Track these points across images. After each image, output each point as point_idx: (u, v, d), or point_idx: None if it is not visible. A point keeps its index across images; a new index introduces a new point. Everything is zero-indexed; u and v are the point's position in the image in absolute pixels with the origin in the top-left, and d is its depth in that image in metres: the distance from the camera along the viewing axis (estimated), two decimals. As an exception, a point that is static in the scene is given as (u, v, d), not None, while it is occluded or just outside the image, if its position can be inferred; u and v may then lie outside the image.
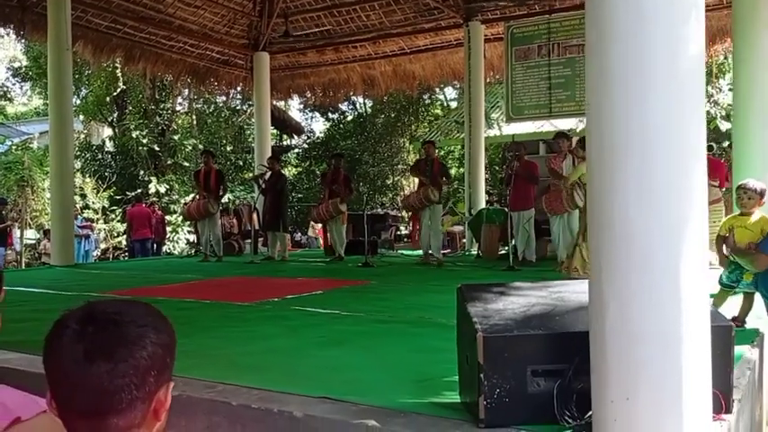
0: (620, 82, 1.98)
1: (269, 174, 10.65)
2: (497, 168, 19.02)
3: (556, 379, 2.30)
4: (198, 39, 13.08)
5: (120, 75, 18.60)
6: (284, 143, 27.31)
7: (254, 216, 11.91)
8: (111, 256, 17.28)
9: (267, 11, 13.16)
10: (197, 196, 11.20)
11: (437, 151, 10.32)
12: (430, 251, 9.66)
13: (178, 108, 22.47)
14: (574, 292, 2.60)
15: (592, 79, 2.10)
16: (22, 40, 13.54)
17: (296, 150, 27.83)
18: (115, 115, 21.33)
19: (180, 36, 12.82)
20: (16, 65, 25.21)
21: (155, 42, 12.69)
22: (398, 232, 17.49)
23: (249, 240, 12.75)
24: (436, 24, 12.67)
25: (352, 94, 16.69)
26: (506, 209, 10.55)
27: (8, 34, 12.59)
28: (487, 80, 12.65)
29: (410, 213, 13.16)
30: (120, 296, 6.21)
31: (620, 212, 1.97)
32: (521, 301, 2.53)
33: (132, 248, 14.99)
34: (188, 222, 17.03)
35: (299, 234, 20.08)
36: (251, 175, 22.79)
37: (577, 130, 14.05)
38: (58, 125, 10.01)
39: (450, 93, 27.17)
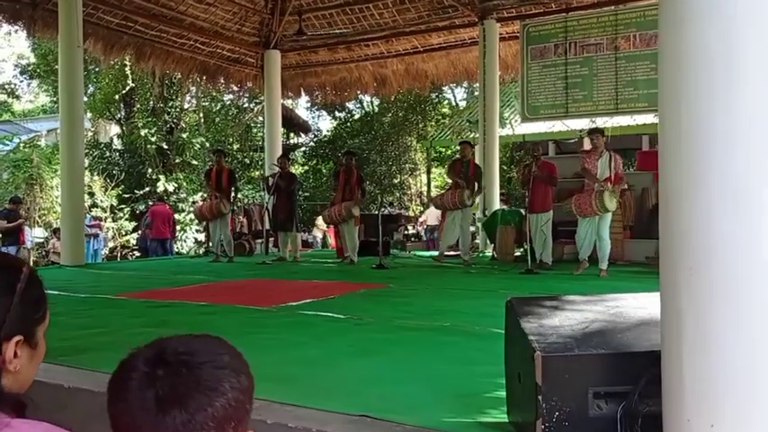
0: (702, 75, 1.82)
1: (279, 173, 10.52)
2: (505, 168, 18.88)
3: (620, 401, 2.16)
4: (209, 36, 12.96)
5: (129, 72, 18.50)
6: (291, 141, 27.21)
7: (265, 215, 11.80)
8: (119, 255, 17.20)
9: (279, 9, 13.02)
10: (207, 195, 11.09)
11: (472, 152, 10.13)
12: (447, 253, 9.56)
13: (186, 106, 22.36)
14: (633, 306, 2.45)
15: (667, 72, 1.94)
16: (32, 38, 13.39)
17: (303, 149, 27.73)
18: (123, 113, 21.23)
19: (191, 34, 12.70)
20: (24, 62, 25.12)
21: (165, 40, 12.57)
22: (407, 232, 17.35)
23: (260, 240, 12.62)
24: (450, 23, 12.52)
25: (363, 92, 16.56)
26: (522, 210, 10.45)
27: (16, 31, 12.53)
28: (501, 79, 12.49)
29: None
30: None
31: (700, 220, 1.81)
32: (577, 316, 2.39)
33: (148, 247, 14.94)
34: (196, 222, 16.99)
35: (306, 233, 19.96)
36: (259, 173, 22.81)
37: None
38: (68, 123, 9.90)
39: (459, 92, 27.07)
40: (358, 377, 3.28)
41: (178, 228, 17.29)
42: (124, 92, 20.05)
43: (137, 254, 17.74)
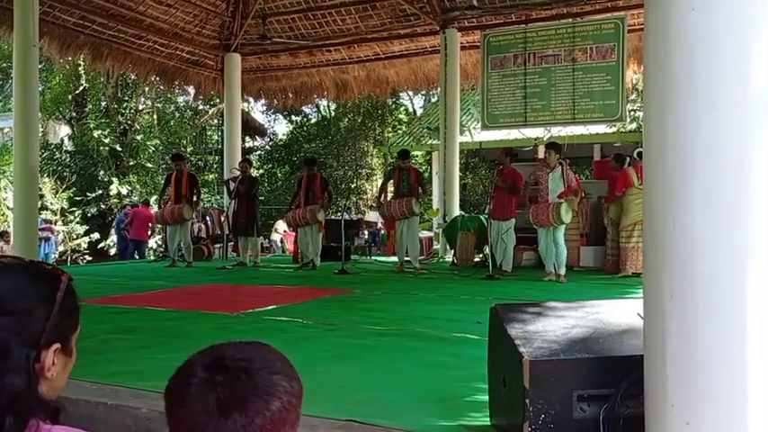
0: (688, 93, 1.92)
1: (240, 177, 10.44)
2: (461, 175, 19.13)
3: (602, 404, 2.26)
4: (168, 38, 12.77)
5: (82, 72, 18.06)
6: (246, 145, 26.96)
7: (224, 220, 11.68)
8: (69, 259, 16.75)
9: (240, 12, 12.94)
10: (162, 199, 10.94)
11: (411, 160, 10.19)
12: (406, 259, 9.60)
13: (141, 107, 21.95)
14: (611, 312, 2.56)
15: (654, 88, 2.05)
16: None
17: (258, 152, 27.51)
18: (74, 113, 20.71)
19: (150, 35, 12.49)
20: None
21: (123, 40, 12.33)
22: (364, 236, 17.35)
23: (219, 245, 12.49)
24: (412, 31, 12.64)
25: (324, 97, 16.56)
26: (482, 216, 10.61)
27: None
28: (461, 87, 12.66)
29: (386, 222, 13.05)
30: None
31: (683, 231, 1.92)
32: (560, 322, 2.49)
33: (125, 248, 14.75)
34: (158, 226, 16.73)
35: (264, 238, 19.81)
36: (214, 176, 22.54)
37: (544, 138, 14.23)
38: (23, 124, 9.60)
39: (416, 99, 27.28)
40: (336, 383, 3.30)
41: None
42: (77, 92, 19.56)
43: (88, 258, 17.34)
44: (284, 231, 17.32)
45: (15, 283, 1.03)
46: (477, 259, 10.44)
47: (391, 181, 9.77)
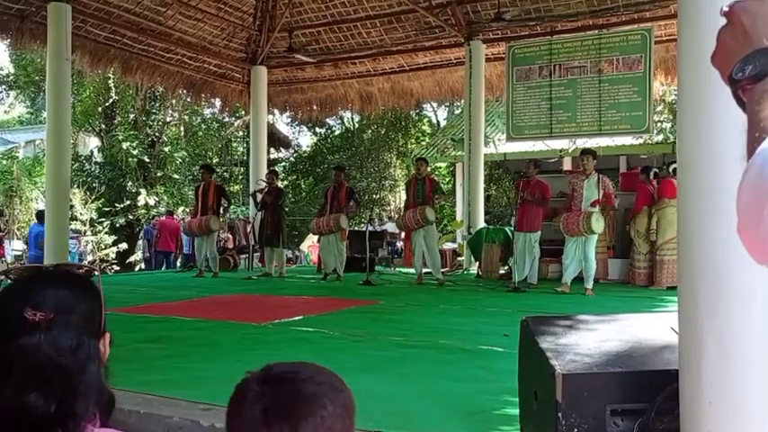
0: (723, 105, 1.91)
1: (267, 188, 10.53)
2: (485, 186, 19.09)
3: (636, 419, 2.24)
4: (196, 51, 12.96)
5: (112, 85, 18.39)
6: (271, 156, 27.18)
7: (250, 231, 11.78)
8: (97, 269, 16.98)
9: (267, 26, 13.10)
10: (190, 211, 11.07)
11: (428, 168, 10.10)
12: (425, 271, 9.55)
13: (169, 119, 22.26)
14: (643, 326, 2.54)
15: (688, 101, 2.04)
16: (17, 50, 13.29)
17: (282, 164, 27.73)
18: (103, 125, 21.07)
19: (178, 48, 12.70)
20: (3, 72, 24.80)
21: (152, 54, 12.55)
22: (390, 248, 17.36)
23: (244, 256, 12.59)
24: (437, 43, 12.68)
25: (348, 109, 16.65)
26: (507, 228, 10.56)
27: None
28: (486, 99, 12.65)
29: (403, 233, 13.05)
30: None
31: (720, 245, 1.90)
32: (592, 335, 2.47)
33: (153, 259, 14.91)
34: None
35: (288, 249, 19.93)
36: (239, 188, 22.74)
37: (569, 150, 14.15)
38: (55, 135, 9.84)
39: (441, 111, 27.30)
40: (365, 394, 3.28)
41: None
42: (106, 104, 19.91)
43: (116, 267, 17.56)
44: (313, 243, 17.42)
45: (69, 286, 1.12)
46: (502, 271, 10.38)
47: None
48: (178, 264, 14.62)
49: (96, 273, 1.18)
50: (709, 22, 1.96)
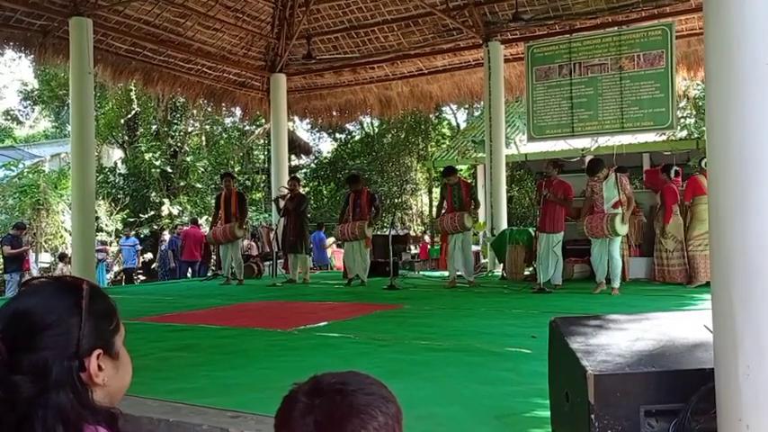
0: (753, 99, 1.87)
1: (289, 195, 10.56)
2: (507, 188, 18.99)
3: (671, 419, 2.19)
4: (216, 61, 13.09)
5: (134, 97, 18.63)
6: (292, 163, 27.32)
7: (273, 238, 11.80)
8: (123, 279, 17.18)
9: (285, 33, 13.17)
10: (214, 221, 11.11)
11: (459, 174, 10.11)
12: (458, 273, 9.52)
13: (190, 129, 22.49)
14: (676, 325, 2.49)
15: (717, 96, 1.99)
16: (40, 65, 13.51)
17: (303, 170, 27.84)
18: (126, 137, 21.35)
19: (198, 58, 12.83)
20: (27, 88, 25.27)
21: (173, 65, 12.70)
22: (410, 251, 17.34)
23: (268, 263, 12.63)
24: (455, 45, 12.65)
25: (368, 114, 16.67)
26: (531, 229, 10.48)
27: (20, 57, 12.63)
28: (505, 99, 12.59)
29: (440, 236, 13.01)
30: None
31: (754, 238, 1.85)
32: (622, 335, 2.43)
33: (178, 269, 15.03)
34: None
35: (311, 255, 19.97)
36: (261, 195, 22.88)
37: (591, 149, 14.01)
38: (79, 148, 10.00)
39: (460, 113, 27.23)
40: (393, 399, 3.29)
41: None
42: (129, 116, 20.17)
43: (141, 277, 17.75)
44: (333, 248, 17.45)
45: (40, 300, 1.04)
46: (527, 273, 10.30)
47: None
48: (209, 272, 14.71)
49: (84, 286, 1.08)
50: (736, 15, 1.93)
